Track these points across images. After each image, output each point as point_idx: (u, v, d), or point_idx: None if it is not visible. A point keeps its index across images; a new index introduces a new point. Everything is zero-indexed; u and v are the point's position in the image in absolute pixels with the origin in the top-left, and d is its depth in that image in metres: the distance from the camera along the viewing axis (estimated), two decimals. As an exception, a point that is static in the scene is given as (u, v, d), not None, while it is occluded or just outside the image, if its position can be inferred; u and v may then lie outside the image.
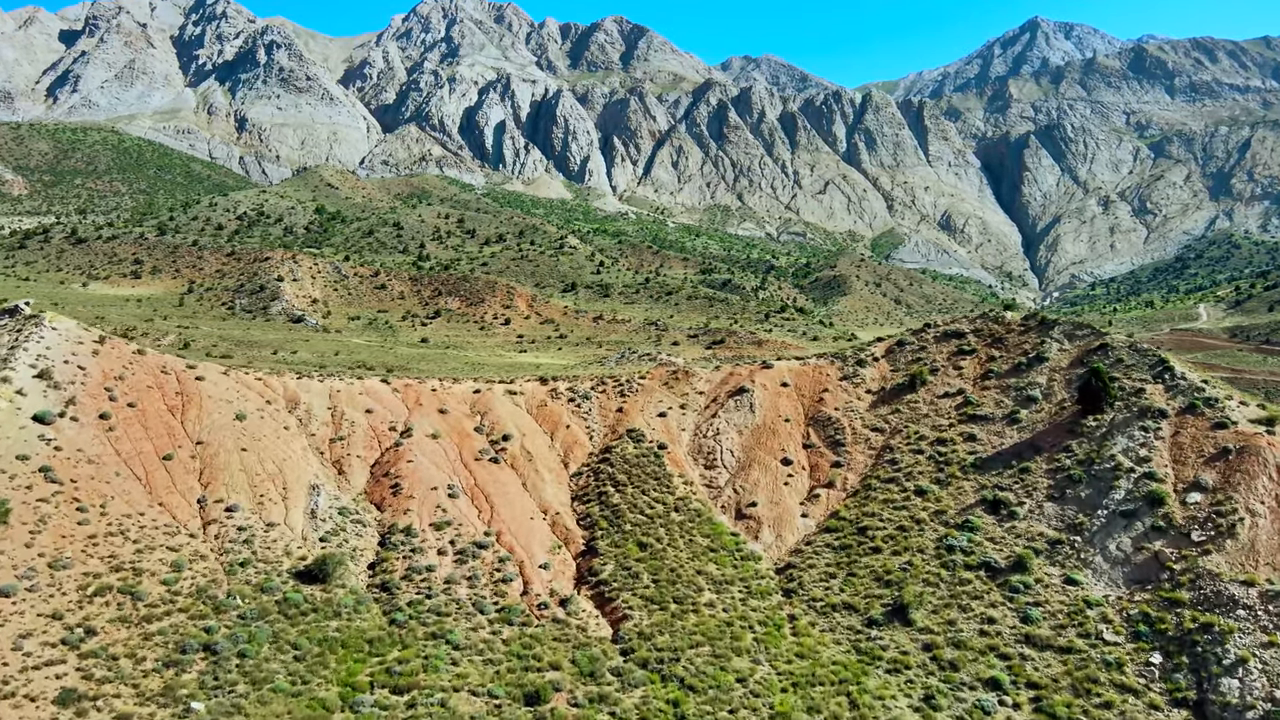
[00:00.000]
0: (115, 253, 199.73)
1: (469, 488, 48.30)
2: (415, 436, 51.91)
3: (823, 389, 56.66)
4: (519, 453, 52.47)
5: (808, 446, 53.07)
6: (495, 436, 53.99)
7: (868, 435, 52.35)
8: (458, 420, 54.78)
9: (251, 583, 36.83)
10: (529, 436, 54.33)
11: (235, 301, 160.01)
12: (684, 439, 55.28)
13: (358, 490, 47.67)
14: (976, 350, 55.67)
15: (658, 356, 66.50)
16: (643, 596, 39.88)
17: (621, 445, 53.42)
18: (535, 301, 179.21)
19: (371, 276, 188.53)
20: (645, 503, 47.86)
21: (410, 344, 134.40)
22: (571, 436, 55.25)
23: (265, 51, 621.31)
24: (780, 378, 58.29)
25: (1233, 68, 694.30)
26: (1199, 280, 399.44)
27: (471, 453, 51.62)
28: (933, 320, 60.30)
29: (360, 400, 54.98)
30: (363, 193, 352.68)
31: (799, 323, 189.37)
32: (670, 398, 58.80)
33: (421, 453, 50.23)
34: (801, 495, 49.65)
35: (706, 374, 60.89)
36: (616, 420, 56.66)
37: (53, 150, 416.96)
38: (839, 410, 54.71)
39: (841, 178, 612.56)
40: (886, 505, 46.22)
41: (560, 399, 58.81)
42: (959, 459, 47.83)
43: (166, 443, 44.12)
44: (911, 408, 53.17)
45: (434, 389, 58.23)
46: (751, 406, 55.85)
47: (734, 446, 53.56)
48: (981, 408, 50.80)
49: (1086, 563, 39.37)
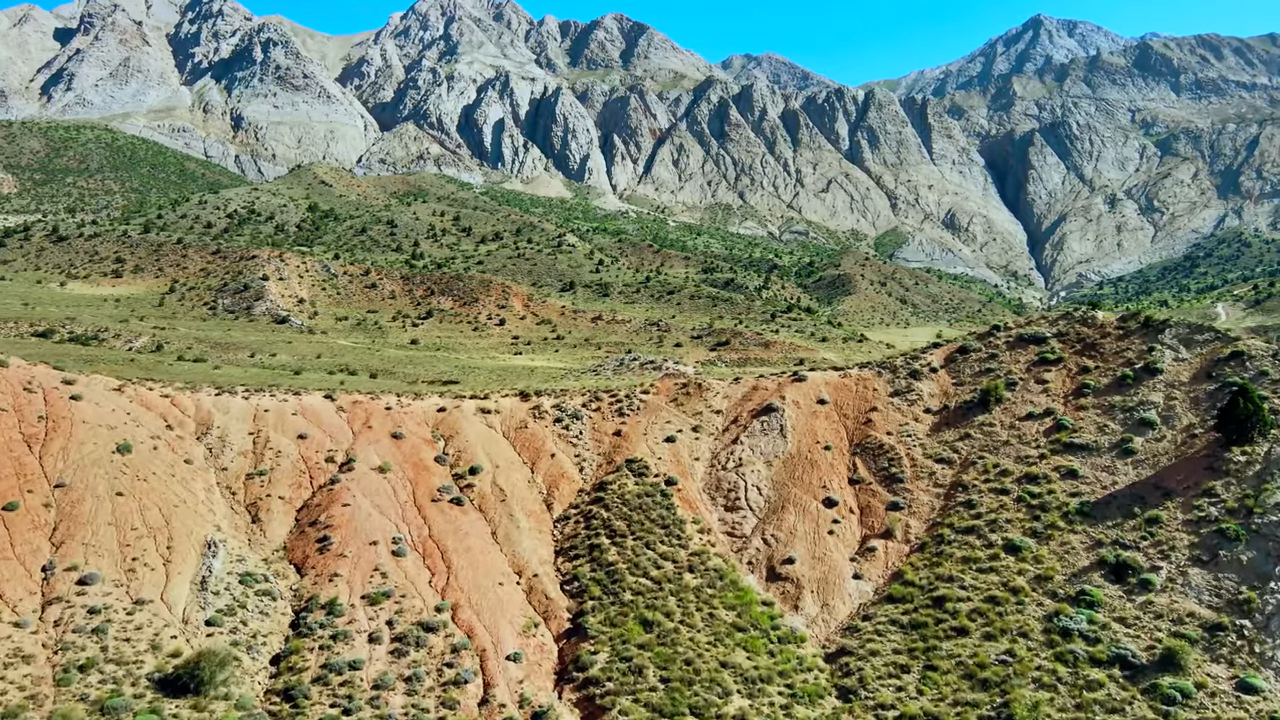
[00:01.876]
0: (96, 251, 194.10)
1: (420, 540, 37.12)
2: (357, 470, 40.74)
3: (870, 407, 45.46)
4: (489, 491, 41.28)
5: (855, 482, 41.86)
6: (461, 469, 42.84)
7: (932, 468, 41.15)
8: (414, 448, 43.61)
9: (89, 699, 25.70)
10: (503, 469, 43.12)
11: (218, 301, 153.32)
12: (698, 471, 44.07)
13: (275, 545, 36.51)
14: (1063, 359, 44.49)
15: (663, 365, 55.80)
16: (648, 705, 28.70)
17: (620, 480, 42.22)
18: (531, 301, 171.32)
19: (362, 275, 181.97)
20: (650, 560, 36.71)
21: (399, 346, 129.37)
22: (557, 468, 44.05)
23: (262, 49, 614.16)
24: (816, 393, 47.08)
25: (1239, 65, 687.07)
26: (1210, 279, 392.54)
27: (428, 491, 40.43)
28: (1003, 321, 49.02)
29: (293, 423, 43.84)
30: (357, 191, 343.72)
31: (806, 323, 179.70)
32: (680, 418, 47.62)
33: (363, 492, 39.07)
34: (851, 548, 38.47)
35: (724, 387, 49.68)
36: (614, 447, 45.50)
37: (44, 148, 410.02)
38: (892, 435, 43.51)
39: (844, 176, 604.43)
40: (967, 566, 35.03)
41: (544, 419, 47.64)
42: (1058, 503, 36.65)
43: (11, 486, 33.00)
44: (986, 433, 41.99)
45: (389, 407, 47.10)
46: (782, 430, 44.67)
47: (762, 481, 42.37)
48: (1080, 434, 39.63)
49: (1264, 659, 28.22)
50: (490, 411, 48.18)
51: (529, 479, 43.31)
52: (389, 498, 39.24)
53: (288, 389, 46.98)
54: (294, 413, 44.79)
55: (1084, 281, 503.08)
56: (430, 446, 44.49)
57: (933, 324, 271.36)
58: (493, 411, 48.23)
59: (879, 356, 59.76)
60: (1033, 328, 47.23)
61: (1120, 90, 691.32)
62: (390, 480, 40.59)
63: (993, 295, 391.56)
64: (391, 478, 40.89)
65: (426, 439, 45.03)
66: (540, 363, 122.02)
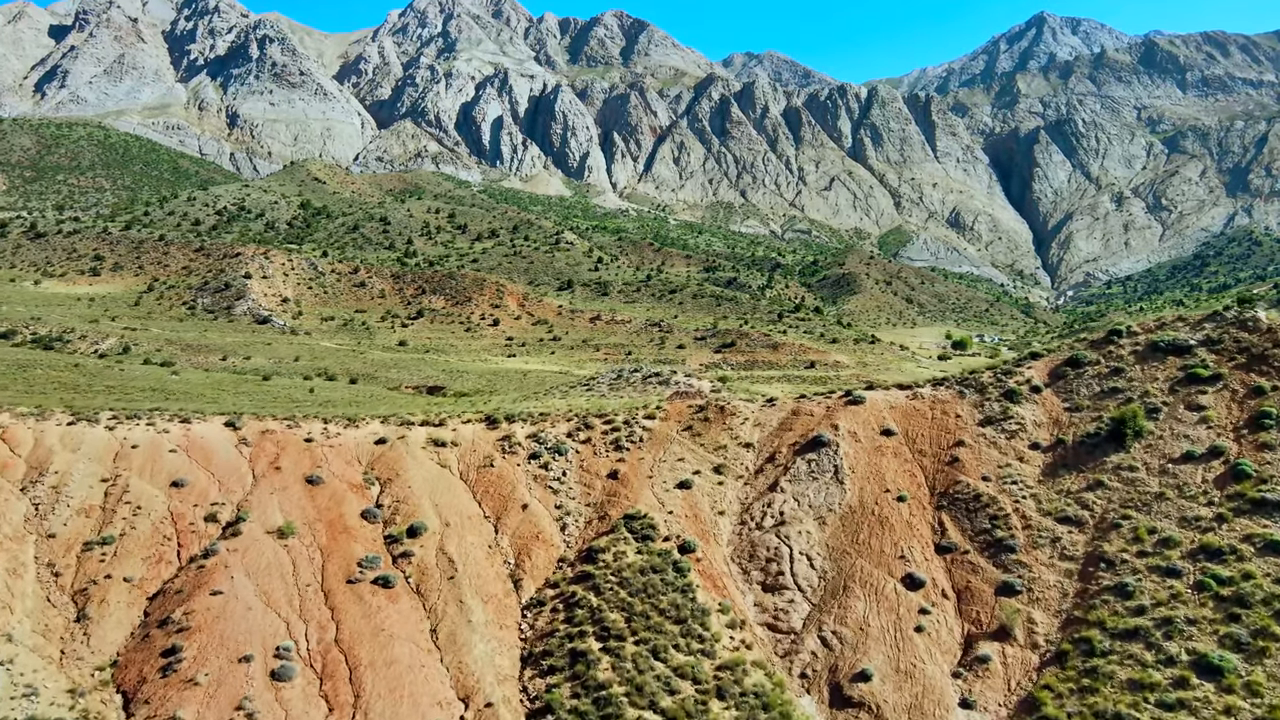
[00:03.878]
0: (75, 248, 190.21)
1: (320, 650, 25.13)
2: (246, 535, 28.75)
3: (954, 441, 33.44)
4: (433, 563, 29.26)
5: (945, 550, 29.87)
6: (397, 528, 30.87)
7: (1054, 531, 29.18)
8: (335, 499, 31.60)
9: None
10: (456, 529, 31.08)
11: (197, 301, 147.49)
12: (723, 530, 32.07)
13: (101, 659, 24.54)
14: (1222, 376, 32.55)
15: (670, 378, 43.83)
16: None
17: (616, 545, 30.22)
18: (527, 300, 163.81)
19: (350, 274, 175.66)
20: (659, 679, 24.73)
21: (386, 347, 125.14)
22: (530, 526, 32.03)
23: (258, 46, 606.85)
24: (878, 420, 35.01)
25: (1245, 62, 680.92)
26: (1222, 278, 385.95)
27: (344, 566, 28.41)
28: (1125, 324, 36.93)
29: (168, 464, 31.86)
30: (352, 188, 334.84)
31: (815, 323, 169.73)
32: (697, 453, 35.60)
33: (248, 570, 27.09)
34: (951, 654, 26.50)
35: (755, 411, 37.59)
36: (608, 494, 33.50)
37: (35, 146, 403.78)
38: (991, 482, 31.51)
39: (847, 174, 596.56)
40: (1140, 697, 23.06)
41: (516, 455, 35.64)
42: (1264, 594, 24.71)
43: None
44: (1127, 480, 30.07)
45: (310, 439, 35.08)
46: (837, 473, 32.64)
47: (813, 547, 30.37)
48: (1274, 487, 27.71)
49: None
50: (444, 444, 36.13)
51: (491, 542, 31.24)
52: (284, 579, 27.23)
53: (174, 415, 35.06)
54: (173, 449, 32.78)
55: (1092, 281, 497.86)
56: (358, 495, 32.45)
57: (940, 324, 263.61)
58: (448, 444, 36.19)
59: (935, 369, 47.76)
60: (1168, 333, 35.17)
61: (1126, 87, 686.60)
62: (291, 550, 28.55)
63: (999, 295, 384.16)
64: (294, 546, 28.86)
65: (354, 484, 33.00)
66: (535, 366, 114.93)
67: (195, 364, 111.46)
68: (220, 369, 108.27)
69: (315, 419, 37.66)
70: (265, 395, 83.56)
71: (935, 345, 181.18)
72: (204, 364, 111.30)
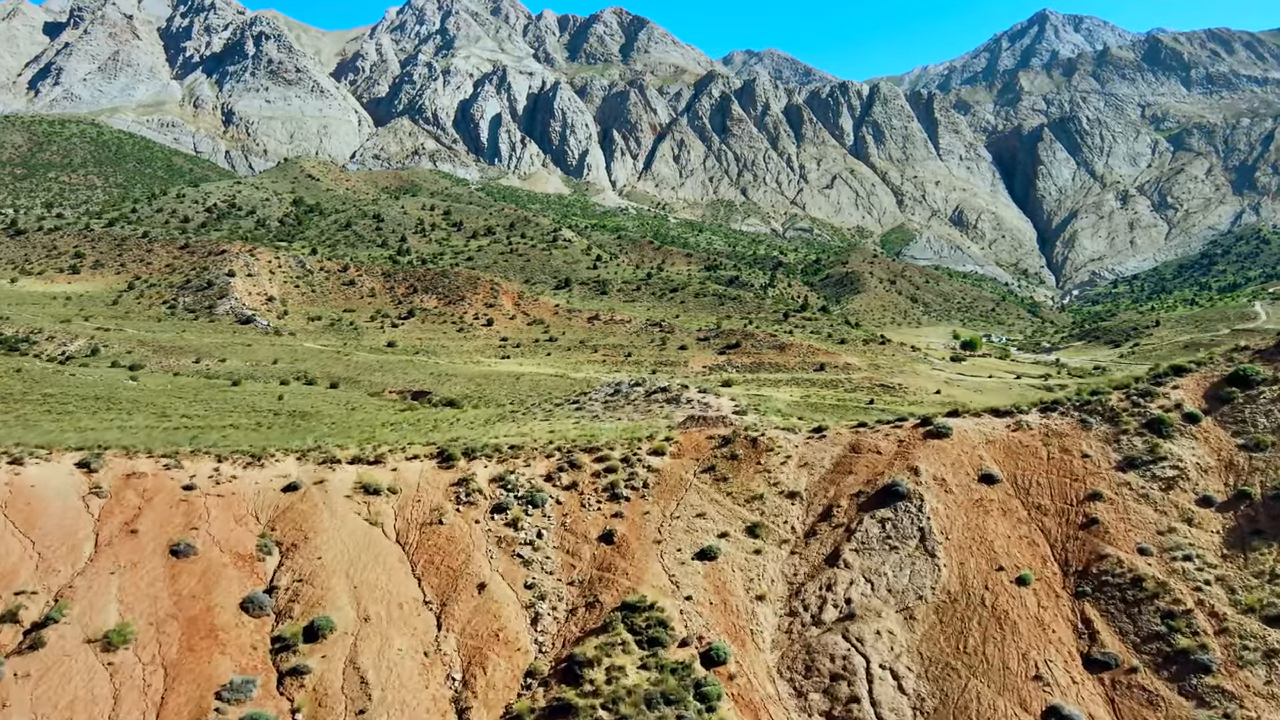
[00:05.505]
0: (55, 245, 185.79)
1: None
2: (53, 646, 19.00)
3: (1088, 493, 23.71)
4: (336, 689, 19.52)
5: (1096, 662, 20.20)
6: (293, 625, 21.15)
7: (1267, 640, 19.56)
8: (203, 581, 21.85)
9: None
10: (377, 626, 21.35)
11: (178, 300, 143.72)
12: (764, 624, 22.31)
13: None
14: None
15: (681, 395, 33.88)
16: None
17: (610, 654, 20.50)
18: (523, 299, 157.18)
19: (340, 272, 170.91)
20: None
21: (373, 348, 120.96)
22: (488, 618, 22.27)
23: (254, 43, 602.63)
24: (973, 461, 25.22)
25: (1250, 59, 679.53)
26: (1230, 277, 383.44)
27: (195, 700, 18.68)
28: None
29: (-30, 529, 22.23)
30: (346, 185, 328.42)
31: (822, 323, 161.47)
32: (723, 504, 25.85)
33: (34, 716, 17.40)
34: None
35: (799, 445, 27.75)
36: (600, 567, 23.80)
37: (27, 143, 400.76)
38: (1153, 555, 21.82)
39: (849, 172, 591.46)
40: None
41: (476, 506, 25.89)
42: None
43: None
44: (1362, 559, 20.53)
45: (190, 486, 25.36)
46: (924, 539, 22.90)
47: (899, 658, 20.67)
48: None
49: None
50: (378, 491, 26.33)
51: (430, 646, 21.45)
52: (95, 725, 17.55)
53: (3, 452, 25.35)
54: (-14, 506, 23.11)
55: (1097, 280, 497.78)
56: (244, 572, 22.71)
57: (945, 323, 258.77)
58: (383, 491, 26.39)
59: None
60: (1370, 341, 25.63)
61: (1130, 85, 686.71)
62: (118, 673, 18.77)
63: (1005, 294, 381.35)
64: (124, 664, 19.10)
65: (241, 554, 23.25)
66: (529, 368, 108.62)
67: (166, 367, 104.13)
68: (191, 372, 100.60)
69: (207, 455, 27.83)
70: (224, 404, 74.44)
71: (943, 345, 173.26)
72: (175, 367, 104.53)
